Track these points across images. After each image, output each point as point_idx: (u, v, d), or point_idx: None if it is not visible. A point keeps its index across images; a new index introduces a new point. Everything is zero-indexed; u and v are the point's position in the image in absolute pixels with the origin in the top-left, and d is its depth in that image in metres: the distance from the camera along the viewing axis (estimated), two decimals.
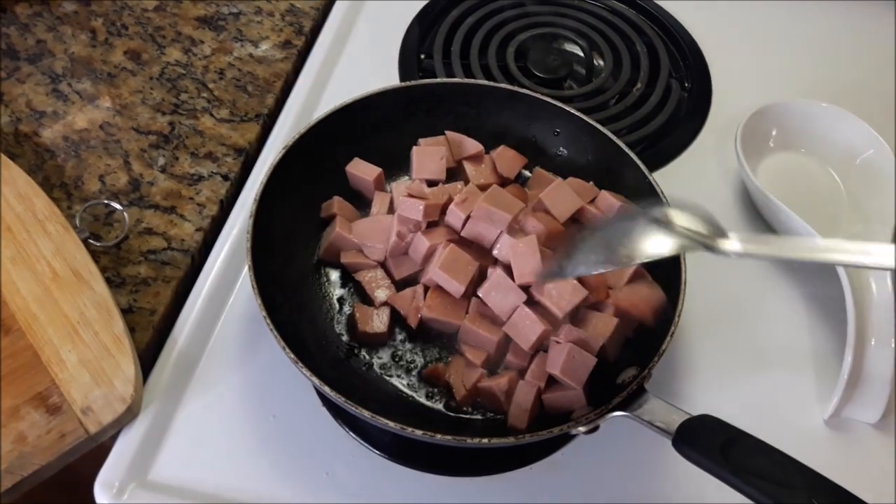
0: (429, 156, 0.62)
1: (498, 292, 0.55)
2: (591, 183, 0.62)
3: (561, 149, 0.66)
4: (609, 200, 0.61)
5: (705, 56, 0.82)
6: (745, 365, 0.62)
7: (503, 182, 0.63)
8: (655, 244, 0.45)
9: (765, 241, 0.45)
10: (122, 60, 0.75)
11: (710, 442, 0.46)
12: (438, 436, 0.48)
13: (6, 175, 0.62)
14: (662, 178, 0.61)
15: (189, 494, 0.53)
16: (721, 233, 0.44)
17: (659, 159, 0.72)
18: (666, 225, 0.45)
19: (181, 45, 0.76)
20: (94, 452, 0.53)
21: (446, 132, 0.64)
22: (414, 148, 0.63)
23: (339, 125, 0.62)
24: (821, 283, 0.66)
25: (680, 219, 0.45)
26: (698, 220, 0.45)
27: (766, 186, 0.67)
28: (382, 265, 0.59)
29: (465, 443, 0.48)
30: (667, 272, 0.56)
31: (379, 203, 0.62)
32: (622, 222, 0.50)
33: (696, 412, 0.48)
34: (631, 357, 0.54)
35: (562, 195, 0.60)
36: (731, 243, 0.43)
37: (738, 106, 0.73)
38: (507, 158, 0.64)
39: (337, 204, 0.61)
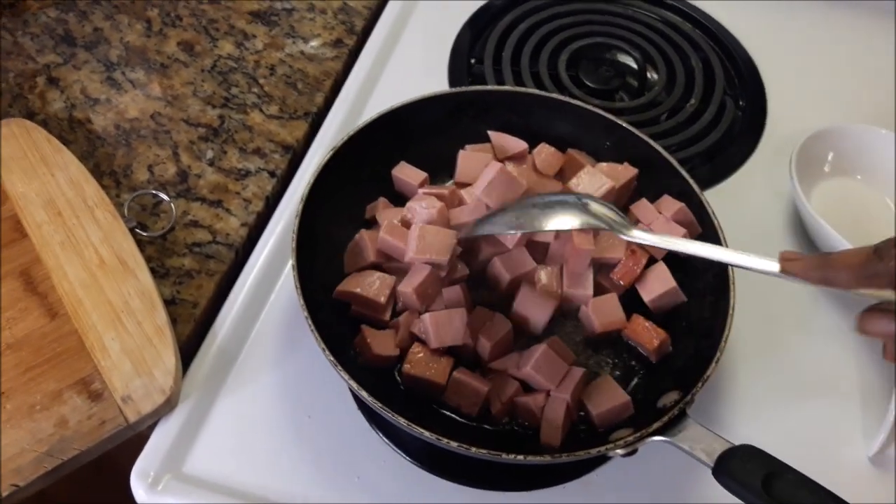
0: (474, 160, 0.62)
1: None
2: (626, 163, 0.62)
3: (610, 162, 0.65)
4: (647, 207, 0.60)
5: (761, 74, 0.80)
6: (789, 395, 0.61)
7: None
8: (565, 220, 0.53)
9: (661, 238, 0.52)
10: (175, 51, 0.75)
11: (751, 474, 0.45)
12: (474, 449, 0.47)
13: (59, 160, 0.62)
14: (713, 197, 0.60)
15: (222, 488, 0.53)
16: (627, 226, 0.52)
17: (710, 178, 0.71)
18: (583, 208, 0.53)
19: (234, 38, 0.77)
20: (132, 441, 0.54)
21: (490, 132, 0.64)
22: (460, 152, 0.63)
23: (385, 129, 0.62)
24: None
25: (597, 206, 0.53)
26: (612, 212, 0.53)
27: (819, 212, 0.65)
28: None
29: (500, 458, 0.48)
30: (715, 297, 0.55)
31: None
32: (552, 199, 0.55)
33: (737, 441, 0.47)
34: (674, 381, 0.53)
35: (590, 180, 0.59)
36: (632, 232, 0.51)
37: (793, 127, 0.71)
38: (546, 156, 0.63)
39: (381, 206, 0.61)
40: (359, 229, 0.60)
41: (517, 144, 0.63)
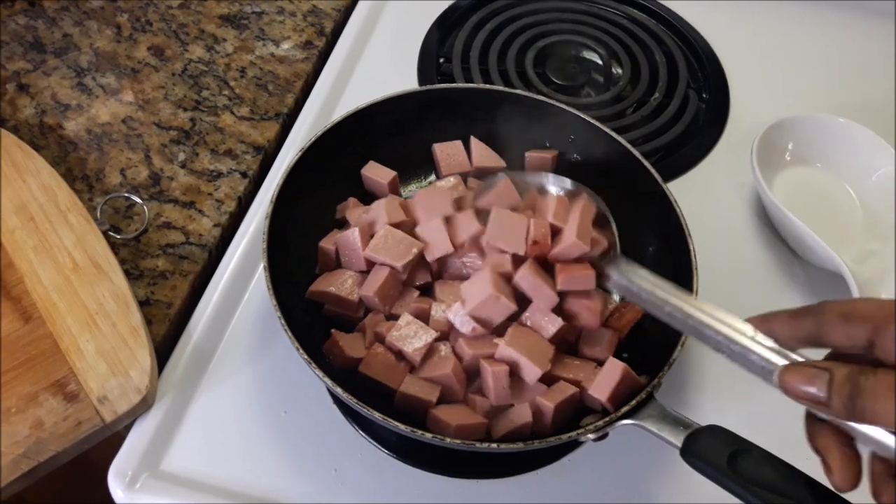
0: (451, 150, 0.65)
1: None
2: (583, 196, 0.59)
3: (575, 156, 0.66)
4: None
5: (724, 67, 0.82)
6: (753, 377, 0.62)
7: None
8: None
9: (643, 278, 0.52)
10: (145, 56, 0.76)
11: (718, 452, 0.46)
12: (448, 439, 0.48)
13: (30, 166, 0.63)
14: (677, 189, 0.61)
15: (199, 486, 0.54)
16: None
17: (674, 169, 0.73)
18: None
19: (204, 42, 0.77)
20: (109, 441, 0.54)
21: (472, 140, 0.65)
22: (434, 146, 0.64)
23: (354, 129, 0.63)
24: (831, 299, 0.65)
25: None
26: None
27: (782, 200, 0.67)
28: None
29: (474, 447, 0.49)
30: (678, 279, 0.57)
31: None
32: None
33: (704, 422, 0.48)
34: (641, 365, 0.54)
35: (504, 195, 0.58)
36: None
37: (755, 118, 0.73)
38: (482, 154, 0.65)
39: (352, 205, 0.62)
40: (331, 229, 0.61)
41: (496, 161, 0.65)
